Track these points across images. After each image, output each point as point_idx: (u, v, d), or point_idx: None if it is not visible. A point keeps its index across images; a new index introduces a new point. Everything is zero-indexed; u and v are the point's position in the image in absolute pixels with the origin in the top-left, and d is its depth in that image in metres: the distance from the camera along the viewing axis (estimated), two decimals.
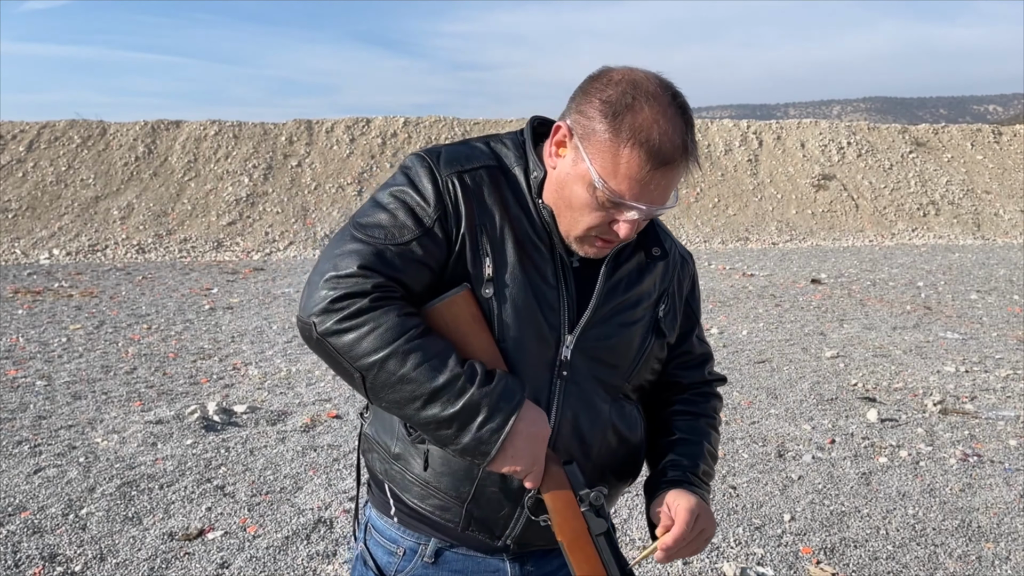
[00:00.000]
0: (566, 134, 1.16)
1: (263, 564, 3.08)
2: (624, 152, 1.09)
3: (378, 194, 1.20)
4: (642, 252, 1.29)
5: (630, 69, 1.16)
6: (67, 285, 10.84)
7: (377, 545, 1.31)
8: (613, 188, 1.11)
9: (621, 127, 1.09)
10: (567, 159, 1.16)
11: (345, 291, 1.09)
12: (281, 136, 18.46)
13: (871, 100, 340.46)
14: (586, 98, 1.14)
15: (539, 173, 1.20)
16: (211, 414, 4.86)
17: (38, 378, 5.86)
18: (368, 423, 1.34)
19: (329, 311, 1.09)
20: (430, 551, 1.27)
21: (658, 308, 1.31)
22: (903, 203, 19.40)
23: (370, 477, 1.36)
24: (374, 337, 1.08)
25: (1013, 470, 4.07)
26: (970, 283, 11.08)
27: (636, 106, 1.10)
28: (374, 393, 1.12)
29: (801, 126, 21.34)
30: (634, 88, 1.11)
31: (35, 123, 17.82)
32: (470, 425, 1.10)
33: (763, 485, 3.88)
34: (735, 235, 17.57)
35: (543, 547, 1.30)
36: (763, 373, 6.08)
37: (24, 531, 3.32)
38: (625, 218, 1.15)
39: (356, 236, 1.15)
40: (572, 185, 1.15)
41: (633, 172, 1.10)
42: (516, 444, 1.12)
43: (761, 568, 3.07)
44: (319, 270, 1.13)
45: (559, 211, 1.19)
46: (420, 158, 1.20)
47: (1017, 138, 22.21)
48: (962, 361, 6.42)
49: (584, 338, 1.23)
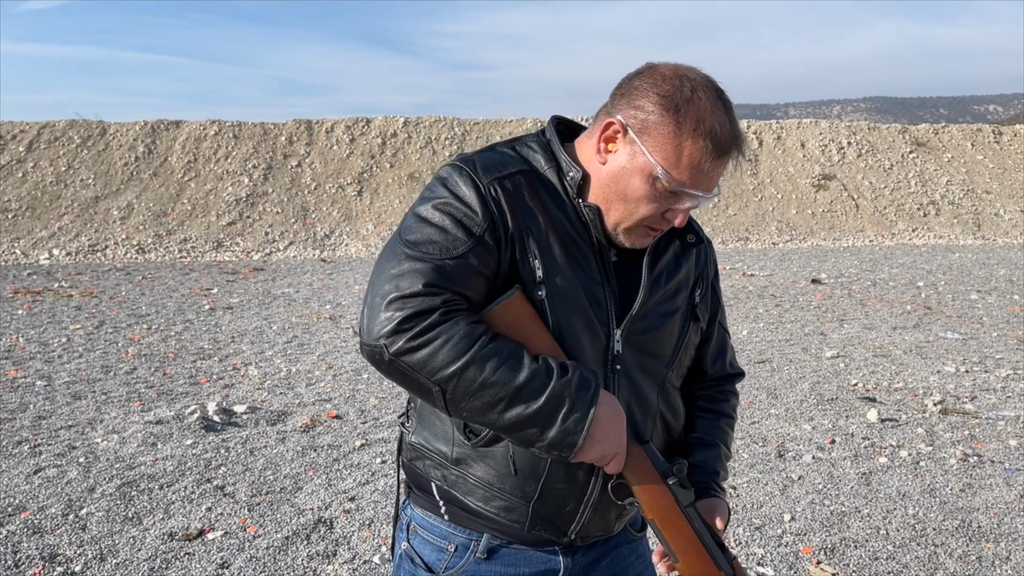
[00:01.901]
0: (619, 130, 1.19)
1: (263, 564, 3.08)
2: (688, 143, 1.14)
3: (420, 208, 1.19)
4: (677, 241, 1.33)
5: (676, 64, 1.20)
6: (67, 285, 10.84)
7: (424, 543, 1.31)
8: (676, 177, 1.16)
9: (684, 119, 1.14)
10: (621, 154, 1.19)
11: (414, 310, 1.09)
12: (281, 136, 18.46)
13: (871, 100, 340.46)
14: (639, 93, 1.18)
15: (575, 173, 1.23)
16: (211, 414, 4.86)
17: (38, 378, 5.86)
18: (412, 432, 1.32)
19: (399, 331, 1.09)
20: (483, 547, 1.27)
21: (694, 294, 1.36)
22: (903, 203, 19.40)
23: (409, 481, 1.36)
24: (448, 349, 1.09)
25: (1013, 470, 4.07)
26: (970, 283, 11.08)
27: (695, 99, 1.15)
28: (454, 404, 1.12)
29: (801, 126, 21.34)
30: (689, 82, 1.16)
31: (35, 123, 17.82)
32: (555, 418, 1.11)
33: (763, 485, 3.88)
34: (735, 235, 17.57)
35: (601, 537, 1.34)
36: (763, 373, 6.08)
37: (24, 531, 3.32)
38: (682, 207, 1.20)
39: (410, 254, 1.14)
40: (629, 178, 1.19)
41: (696, 161, 1.15)
42: (602, 430, 1.14)
43: (761, 568, 3.07)
44: (379, 292, 1.12)
45: (610, 204, 1.22)
46: (457, 168, 1.21)
47: (1017, 138, 22.21)
48: (962, 361, 6.42)
49: (631, 331, 1.27)
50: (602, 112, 1.24)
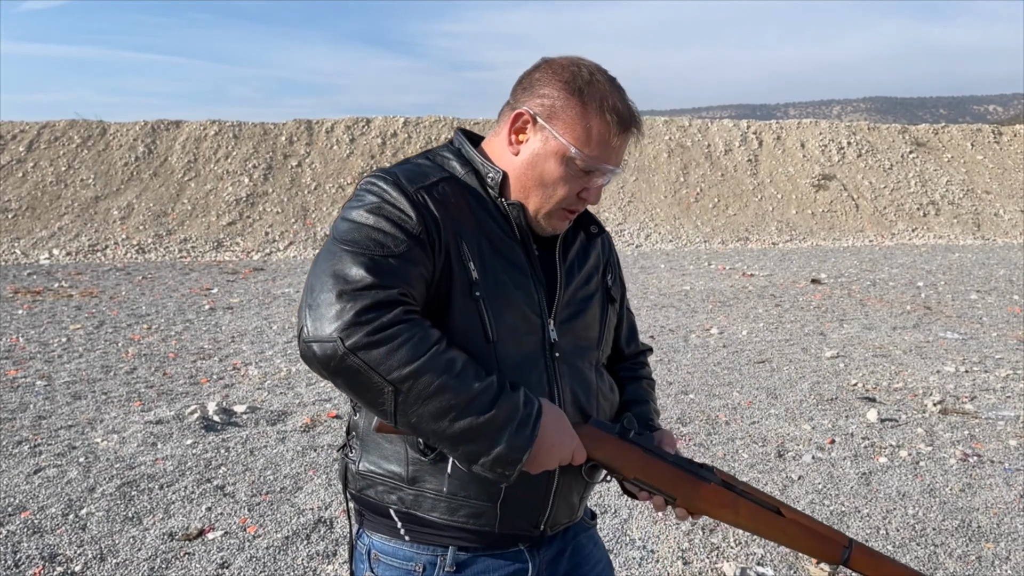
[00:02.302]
0: (528, 120, 1.25)
1: (263, 564, 3.08)
2: (594, 121, 1.23)
3: (352, 213, 1.19)
4: (582, 232, 1.41)
5: (569, 55, 1.29)
6: (67, 285, 10.84)
7: (389, 568, 1.29)
8: (588, 155, 1.23)
9: (589, 100, 1.23)
10: (533, 142, 1.26)
11: (369, 302, 1.08)
12: (281, 136, 18.46)
13: (871, 100, 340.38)
14: (541, 84, 1.26)
15: (495, 174, 1.28)
16: (211, 414, 4.86)
17: (38, 378, 5.86)
18: (358, 460, 1.29)
19: (357, 324, 1.06)
20: (450, 560, 1.27)
21: (606, 279, 1.45)
22: (903, 203, 19.40)
23: (362, 509, 1.33)
24: (408, 348, 1.07)
25: (1013, 470, 4.07)
26: (970, 283, 11.09)
27: (594, 81, 1.24)
28: (405, 408, 1.09)
29: (801, 126, 21.34)
30: (586, 68, 1.26)
31: (35, 123, 17.82)
32: (504, 432, 1.12)
33: (763, 485, 3.88)
34: (735, 235, 17.57)
35: (568, 524, 1.38)
36: (763, 373, 6.08)
37: (24, 531, 3.32)
38: (596, 184, 1.28)
39: (351, 251, 1.13)
40: (544, 163, 1.25)
41: (605, 137, 1.24)
42: (549, 439, 1.17)
43: (761, 568, 3.07)
44: (324, 287, 1.10)
45: (529, 192, 1.27)
46: (382, 178, 1.22)
47: (1017, 138, 22.21)
48: (962, 361, 6.42)
49: (561, 319, 1.32)
50: (506, 109, 1.30)
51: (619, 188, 18.57)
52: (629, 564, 3.10)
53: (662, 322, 8.17)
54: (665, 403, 5.26)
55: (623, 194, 18.47)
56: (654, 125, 20.69)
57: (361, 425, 1.29)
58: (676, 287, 10.80)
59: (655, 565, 3.10)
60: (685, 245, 16.88)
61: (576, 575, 1.38)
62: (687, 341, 7.25)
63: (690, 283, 11.21)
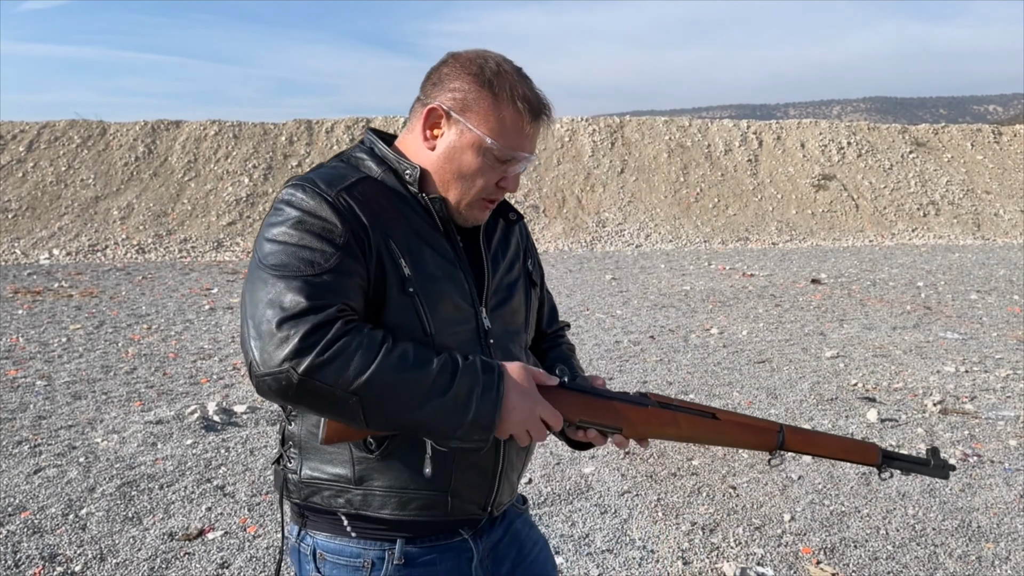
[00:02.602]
0: (441, 114, 1.27)
1: (263, 564, 3.08)
2: (507, 111, 1.25)
3: (273, 232, 1.18)
4: (501, 219, 1.44)
5: (474, 49, 1.30)
6: (67, 285, 10.84)
7: (336, 567, 1.28)
8: (504, 144, 1.26)
9: (499, 90, 1.25)
10: (448, 136, 1.27)
11: (310, 326, 1.08)
12: (281, 136, 18.47)
13: (871, 100, 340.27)
14: (451, 78, 1.27)
15: (412, 171, 1.28)
16: (211, 414, 4.86)
17: (38, 378, 5.86)
18: (298, 469, 1.29)
19: (303, 350, 1.07)
20: (398, 553, 1.28)
21: (527, 264, 1.49)
22: (903, 203, 19.41)
23: (306, 515, 1.32)
24: (359, 357, 1.09)
25: (1013, 470, 4.07)
26: (970, 283, 11.09)
27: (502, 71, 1.26)
28: (374, 411, 1.11)
29: (801, 126, 21.34)
30: (492, 60, 1.28)
31: (35, 123, 17.82)
32: (471, 401, 1.14)
33: (763, 485, 3.88)
34: (735, 235, 17.57)
35: (507, 504, 1.42)
36: (763, 373, 6.08)
37: (24, 531, 3.32)
38: (513, 171, 1.30)
39: (281, 275, 1.13)
40: (461, 156, 1.27)
41: (518, 126, 1.26)
42: (514, 397, 1.19)
43: (761, 568, 3.07)
44: (263, 319, 1.09)
45: (448, 186, 1.29)
46: (299, 187, 1.21)
47: (1017, 138, 22.21)
48: (962, 361, 6.42)
49: (491, 306, 1.36)
50: (416, 105, 1.32)
51: (619, 188, 18.58)
52: (629, 564, 3.10)
53: (662, 322, 8.17)
54: None
55: (623, 194, 18.48)
56: (654, 125, 20.70)
57: (298, 433, 1.27)
58: (676, 287, 10.80)
59: (655, 565, 3.10)
60: (685, 245, 16.88)
61: (517, 559, 1.42)
62: (687, 341, 7.25)
63: (690, 283, 11.21)
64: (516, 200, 17.68)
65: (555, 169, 18.88)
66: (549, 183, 18.45)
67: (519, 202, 17.66)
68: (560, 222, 17.41)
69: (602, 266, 13.46)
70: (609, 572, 3.04)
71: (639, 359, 6.55)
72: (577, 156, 19.36)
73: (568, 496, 3.74)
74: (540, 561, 1.47)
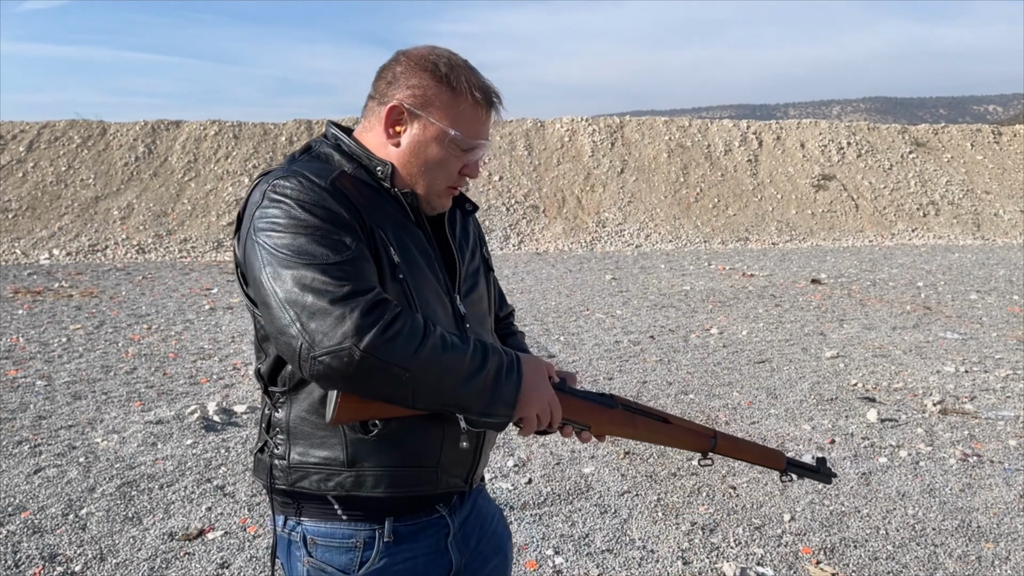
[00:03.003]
0: (402, 111, 1.32)
1: (263, 564, 3.08)
2: (464, 103, 1.32)
3: (281, 223, 1.19)
4: (458, 210, 1.51)
5: (422, 46, 1.36)
6: (67, 285, 10.84)
7: (329, 550, 1.31)
8: (465, 134, 1.32)
9: (457, 84, 1.31)
10: (411, 131, 1.33)
11: (366, 305, 1.12)
12: (281, 136, 18.47)
13: (871, 100, 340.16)
14: (407, 76, 1.32)
15: (384, 167, 1.33)
16: (211, 414, 4.86)
17: (38, 378, 5.86)
18: (286, 455, 1.31)
19: (363, 327, 1.10)
20: (388, 532, 1.32)
21: (483, 251, 1.56)
22: (903, 203, 19.41)
23: (296, 503, 1.34)
24: (412, 337, 1.13)
25: (1013, 470, 4.07)
26: (970, 283, 11.09)
27: (455, 66, 1.32)
28: (420, 388, 1.15)
29: (801, 126, 21.34)
30: (443, 55, 1.34)
31: (35, 123, 17.82)
32: (499, 381, 1.22)
33: (763, 485, 3.88)
34: (735, 235, 17.57)
35: (481, 478, 1.53)
36: (763, 373, 6.08)
37: (24, 531, 3.32)
38: (473, 158, 1.37)
39: (311, 263, 1.15)
40: (426, 149, 1.33)
41: (475, 115, 1.33)
42: (530, 380, 1.27)
43: (761, 568, 3.07)
44: (308, 303, 1.11)
45: (416, 178, 1.34)
46: (291, 179, 1.23)
47: (1017, 138, 22.21)
48: (962, 361, 6.42)
49: (463, 292, 1.42)
50: (372, 104, 1.36)
51: (619, 188, 18.57)
52: (629, 564, 3.10)
53: (662, 322, 8.17)
54: (665, 403, 5.26)
55: (623, 194, 18.48)
56: (654, 125, 20.70)
57: (287, 419, 1.30)
58: (676, 287, 10.80)
59: (655, 565, 3.10)
60: (685, 245, 16.88)
61: (481, 532, 1.49)
62: (687, 341, 7.25)
63: (690, 283, 11.21)
64: (516, 200, 17.69)
65: (555, 169, 18.88)
66: (549, 183, 18.45)
67: (519, 202, 17.67)
68: (560, 222, 17.41)
69: (602, 266, 13.46)
70: (609, 572, 3.05)
71: (639, 359, 6.55)
72: (577, 156, 19.36)
73: (568, 496, 3.74)
74: (498, 533, 1.55)
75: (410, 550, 1.34)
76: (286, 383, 1.29)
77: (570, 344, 7.08)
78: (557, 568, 3.07)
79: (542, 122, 20.15)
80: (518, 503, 3.65)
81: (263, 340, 1.32)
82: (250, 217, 1.23)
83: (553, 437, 4.52)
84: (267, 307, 1.16)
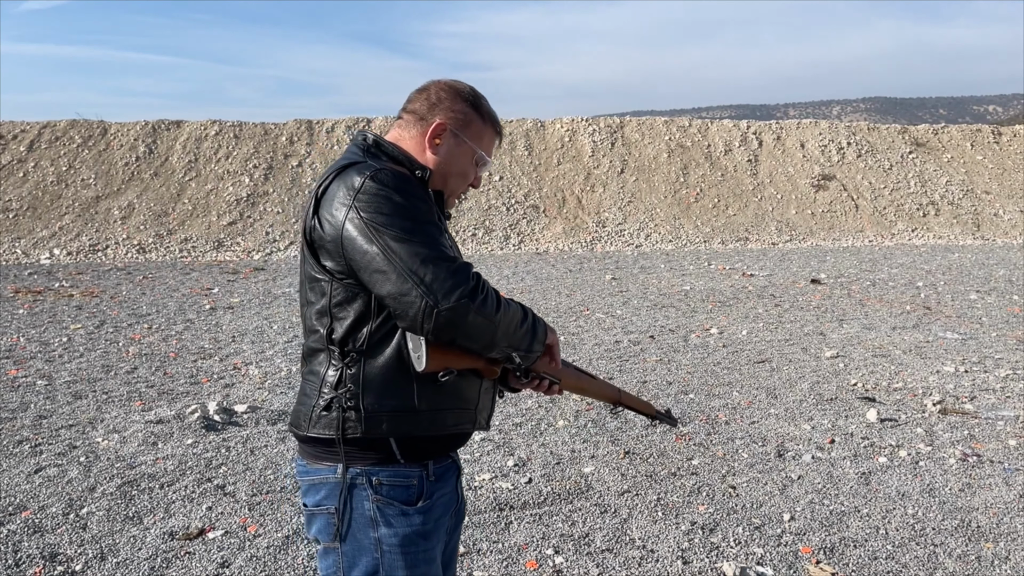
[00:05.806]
0: (445, 128, 1.62)
1: (263, 564, 3.09)
2: (487, 130, 1.68)
3: (387, 208, 1.45)
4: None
5: (449, 79, 1.70)
6: (68, 285, 10.84)
7: (393, 488, 1.55)
8: (486, 155, 1.68)
9: (484, 115, 1.67)
10: (447, 145, 1.63)
11: (469, 273, 1.44)
12: (281, 136, 18.47)
13: (871, 100, 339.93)
14: (450, 102, 1.64)
15: (423, 172, 1.59)
16: (212, 414, 4.86)
17: (39, 378, 5.86)
18: (357, 407, 1.51)
19: (474, 289, 1.42)
20: (431, 471, 1.59)
21: None
22: (903, 203, 19.41)
23: (361, 451, 1.54)
24: (495, 296, 1.47)
25: (1013, 470, 4.08)
26: (970, 283, 11.09)
27: (480, 99, 1.68)
28: (500, 336, 1.48)
29: (801, 126, 21.34)
30: (470, 88, 1.68)
31: (36, 123, 17.83)
32: (536, 327, 1.57)
33: (763, 485, 3.88)
34: (735, 235, 17.58)
35: None
36: (763, 373, 6.08)
37: (24, 531, 3.33)
38: (482, 172, 1.73)
39: (424, 241, 1.43)
40: (458, 161, 1.64)
41: (491, 140, 1.71)
42: (548, 327, 1.64)
43: (761, 568, 3.07)
44: (430, 271, 1.40)
45: (446, 181, 1.65)
46: (384, 173, 1.48)
47: (1017, 138, 22.21)
48: (962, 361, 6.42)
49: None
50: (411, 118, 1.64)
51: (619, 188, 18.58)
52: (629, 564, 3.11)
53: (662, 322, 8.17)
54: (665, 403, 5.26)
55: (623, 194, 18.48)
56: (654, 125, 20.70)
57: (359, 375, 1.51)
58: (676, 287, 10.81)
59: (655, 565, 3.10)
60: (685, 245, 16.89)
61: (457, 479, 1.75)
62: (687, 341, 7.25)
63: (690, 283, 11.21)
64: (516, 200, 17.71)
65: (555, 169, 18.89)
66: (549, 183, 18.46)
67: (519, 202, 17.68)
68: (560, 222, 17.42)
69: (602, 266, 13.47)
70: (609, 572, 3.05)
71: (639, 359, 6.55)
72: (577, 156, 19.36)
73: (568, 496, 3.74)
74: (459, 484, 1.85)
75: (442, 488, 1.62)
76: (362, 343, 1.50)
77: (570, 344, 7.09)
78: (557, 568, 3.07)
79: (542, 122, 20.15)
80: (518, 503, 3.66)
81: (335, 307, 1.51)
82: (347, 199, 1.46)
83: (553, 437, 4.52)
84: (383, 273, 1.41)
